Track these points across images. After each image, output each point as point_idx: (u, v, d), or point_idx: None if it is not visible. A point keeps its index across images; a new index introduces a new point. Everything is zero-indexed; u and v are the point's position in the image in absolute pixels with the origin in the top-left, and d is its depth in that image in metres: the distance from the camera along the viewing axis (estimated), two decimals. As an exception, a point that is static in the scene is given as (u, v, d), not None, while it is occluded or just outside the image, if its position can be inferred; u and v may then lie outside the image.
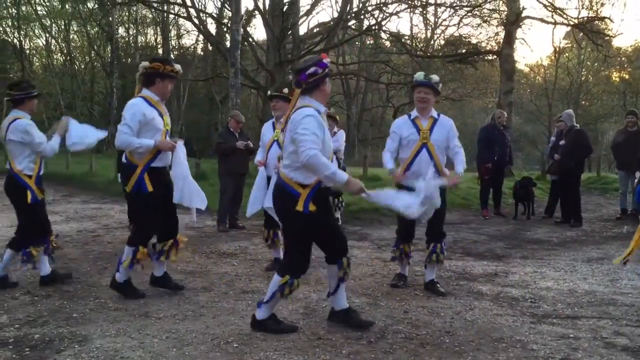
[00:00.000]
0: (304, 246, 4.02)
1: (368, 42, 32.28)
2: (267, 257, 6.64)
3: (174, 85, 5.02)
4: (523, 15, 19.29)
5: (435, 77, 5.20)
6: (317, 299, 4.88)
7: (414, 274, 5.84)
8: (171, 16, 31.92)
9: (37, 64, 39.55)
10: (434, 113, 5.22)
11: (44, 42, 37.88)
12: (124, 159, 4.91)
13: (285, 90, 5.78)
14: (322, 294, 5.06)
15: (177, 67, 4.92)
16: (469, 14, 23.97)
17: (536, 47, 68.53)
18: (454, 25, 33.22)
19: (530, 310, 4.66)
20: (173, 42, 37.71)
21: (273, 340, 3.88)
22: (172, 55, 35.27)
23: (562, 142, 9.50)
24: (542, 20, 20.53)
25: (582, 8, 24.63)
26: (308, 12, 25.16)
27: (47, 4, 35.23)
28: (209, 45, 30.01)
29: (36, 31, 37.51)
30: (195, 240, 7.81)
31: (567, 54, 36.82)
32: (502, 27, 20.89)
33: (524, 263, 6.55)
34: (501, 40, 20.89)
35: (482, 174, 10.15)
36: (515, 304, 4.85)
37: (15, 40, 36.98)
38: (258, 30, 75.14)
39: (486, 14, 23.16)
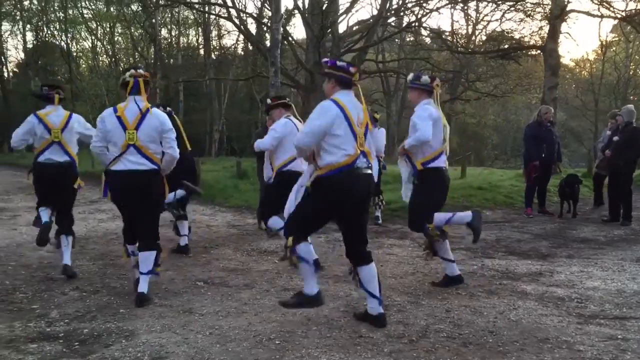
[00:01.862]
0: None
1: (408, 39, 32.01)
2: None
3: None
4: (568, 8, 18.77)
5: (409, 76, 5.35)
6: (358, 297, 4.88)
7: (456, 273, 5.78)
8: (212, 17, 32.31)
9: (83, 65, 40.67)
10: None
11: (90, 45, 38.94)
12: (152, 165, 4.81)
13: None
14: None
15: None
16: (512, 8, 23.43)
17: (582, 41, 66.49)
18: (496, 20, 32.59)
19: (576, 311, 4.55)
20: (214, 43, 38.16)
21: (315, 337, 3.90)
22: (213, 56, 35.78)
23: (615, 138, 9.19)
24: (587, 13, 19.96)
25: (630, 0, 23.89)
26: (347, 10, 25.11)
27: (93, 7, 36.21)
28: (249, 45, 30.23)
29: (82, 34, 38.60)
30: (237, 238, 7.91)
31: (614, 48, 35.77)
32: (546, 22, 20.37)
33: (570, 262, 6.40)
34: (545, 35, 20.38)
35: (530, 172, 9.91)
36: (561, 304, 4.75)
37: (62, 43, 38.15)
38: (298, 29, 75.29)
39: (529, 8, 22.61)
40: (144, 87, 4.86)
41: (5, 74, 40.59)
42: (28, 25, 39.74)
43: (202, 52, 37.26)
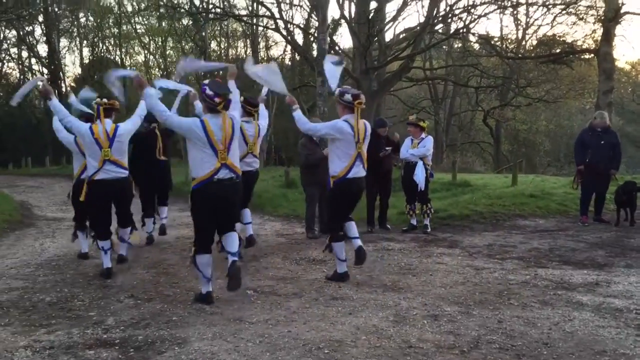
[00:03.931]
0: None
1: (456, 46, 31.66)
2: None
3: None
4: (622, 10, 18.22)
5: (336, 92, 5.89)
6: (407, 307, 4.85)
7: (508, 283, 5.67)
8: (260, 28, 32.80)
9: (137, 79, 41.87)
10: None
11: (143, 58, 40.17)
12: (125, 172, 6.28)
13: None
14: (413, 301, 5.03)
15: None
16: (564, 11, 22.93)
17: (638, 43, 64.19)
18: (547, 24, 31.96)
19: (635, 322, 4.39)
20: (262, 54, 38.71)
21: (364, 346, 3.90)
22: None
23: None
24: (643, 15, 19.35)
25: (689, 0, 22.97)
26: (394, 19, 25.01)
27: (146, 22, 37.36)
28: (297, 55, 30.57)
29: (136, 48, 39.94)
30: (286, 247, 7.96)
31: (673, 49, 34.47)
32: (600, 24, 19.82)
33: (628, 272, 6.17)
34: (599, 38, 19.80)
35: (576, 177, 9.77)
36: (619, 315, 4.59)
37: (117, 58, 39.50)
38: (344, 39, 75.45)
39: (582, 11, 22.08)
40: (103, 113, 6.17)
41: (64, 89, 42.23)
42: (84, 41, 41.35)
43: (250, 63, 37.82)
